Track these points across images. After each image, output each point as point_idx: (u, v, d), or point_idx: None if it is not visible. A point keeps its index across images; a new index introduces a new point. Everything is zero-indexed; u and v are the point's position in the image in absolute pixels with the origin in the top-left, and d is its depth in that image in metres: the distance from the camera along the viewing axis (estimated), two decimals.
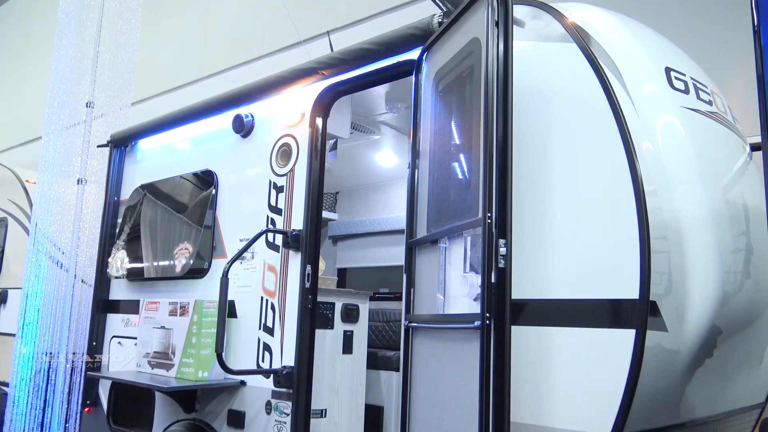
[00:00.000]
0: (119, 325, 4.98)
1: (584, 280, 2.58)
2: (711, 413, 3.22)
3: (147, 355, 4.21)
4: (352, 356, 4.10)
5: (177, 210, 4.65)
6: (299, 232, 3.74)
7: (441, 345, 2.92)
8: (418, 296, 3.17)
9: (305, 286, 3.65)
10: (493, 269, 2.45)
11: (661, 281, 2.60)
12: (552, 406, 2.55)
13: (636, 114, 2.73)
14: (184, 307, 3.99)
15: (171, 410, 4.29)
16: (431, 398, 2.96)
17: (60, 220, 5.87)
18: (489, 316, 2.43)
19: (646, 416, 2.60)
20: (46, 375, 5.54)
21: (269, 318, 3.81)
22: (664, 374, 2.67)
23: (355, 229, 6.06)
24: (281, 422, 3.61)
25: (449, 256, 2.91)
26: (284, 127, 4.03)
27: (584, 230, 2.64)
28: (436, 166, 3.19)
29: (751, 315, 3.12)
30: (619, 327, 2.43)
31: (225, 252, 4.18)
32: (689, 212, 2.80)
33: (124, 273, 4.93)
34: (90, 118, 6.01)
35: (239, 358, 3.90)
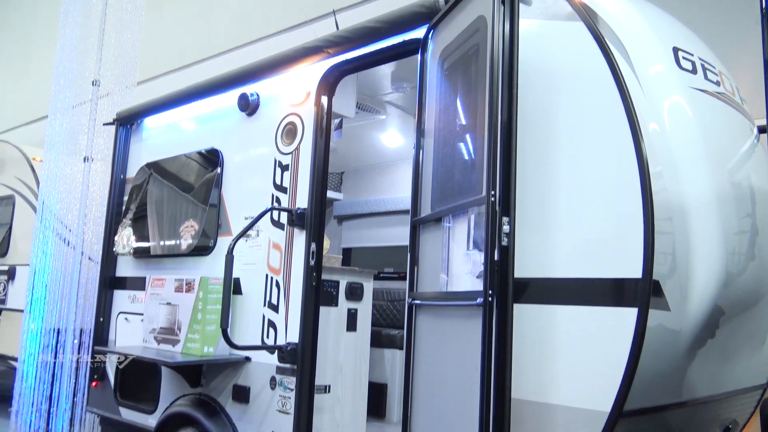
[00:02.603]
0: (126, 301, 5.03)
1: (587, 259, 2.58)
2: (712, 393, 3.23)
3: (153, 331, 4.26)
4: (356, 334, 4.14)
5: (183, 188, 4.67)
6: (304, 211, 3.75)
7: (444, 322, 2.94)
8: (421, 274, 3.19)
9: (310, 264, 3.68)
10: (496, 247, 2.46)
11: (665, 261, 2.60)
12: (553, 383, 2.57)
13: (643, 94, 2.72)
14: (189, 283, 4.02)
15: (177, 385, 4.35)
16: (434, 375, 2.99)
17: (67, 197, 5.91)
18: (491, 293, 2.44)
19: (647, 394, 2.62)
20: (55, 350, 5.61)
21: (274, 295, 3.84)
22: (665, 353, 2.69)
23: (360, 209, 6.07)
24: (285, 397, 3.66)
25: (453, 235, 2.92)
26: (289, 106, 4.03)
27: (588, 210, 2.64)
28: (441, 145, 3.19)
29: (755, 296, 3.12)
30: (621, 305, 2.44)
31: (230, 230, 4.21)
32: (694, 193, 2.80)
33: (130, 250, 4.97)
34: (96, 97, 6.03)
35: (244, 334, 3.94)
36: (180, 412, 4.19)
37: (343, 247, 6.21)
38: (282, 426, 3.65)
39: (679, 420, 3.12)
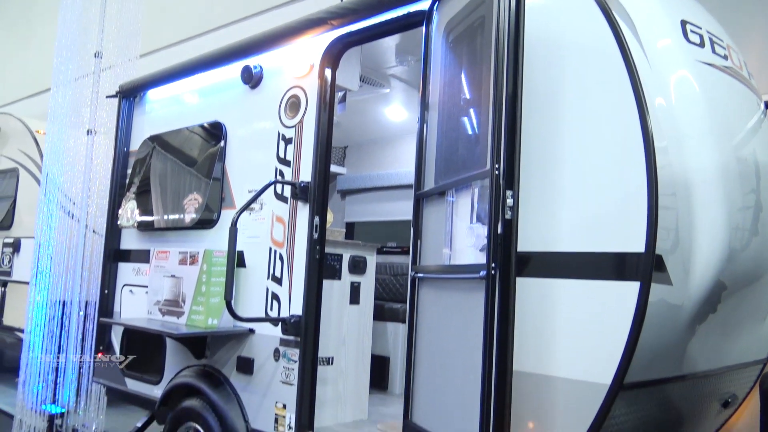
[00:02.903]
0: (130, 273, 5.06)
1: (591, 233, 2.58)
2: (712, 367, 3.26)
3: (158, 303, 4.29)
4: (359, 307, 4.16)
5: (186, 162, 4.67)
6: (307, 184, 3.75)
7: (447, 295, 2.96)
8: (424, 247, 3.20)
9: (313, 238, 3.69)
10: (500, 220, 2.46)
11: (668, 236, 2.60)
12: (554, 355, 2.59)
13: (649, 67, 2.69)
14: (193, 256, 4.04)
15: (182, 356, 4.40)
16: (436, 348, 3.02)
17: (70, 170, 5.92)
18: (494, 266, 2.45)
19: (648, 368, 2.64)
20: (60, 321, 5.67)
21: (277, 268, 3.86)
22: (667, 327, 2.70)
23: (363, 183, 6.07)
24: (289, 369, 3.70)
25: (456, 208, 2.92)
26: (293, 79, 4.00)
27: (592, 184, 2.63)
28: (445, 118, 3.17)
29: (757, 272, 3.13)
30: (623, 279, 2.45)
31: (234, 203, 4.21)
32: (699, 168, 2.79)
33: (134, 223, 4.99)
34: (98, 69, 6.00)
35: (248, 306, 3.97)
36: (185, 383, 4.24)
37: (347, 222, 6.22)
38: (285, 397, 3.69)
39: (678, 393, 3.15)
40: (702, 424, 3.55)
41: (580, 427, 2.51)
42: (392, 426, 3.79)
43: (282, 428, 3.70)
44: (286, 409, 3.69)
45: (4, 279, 7.34)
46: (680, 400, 3.24)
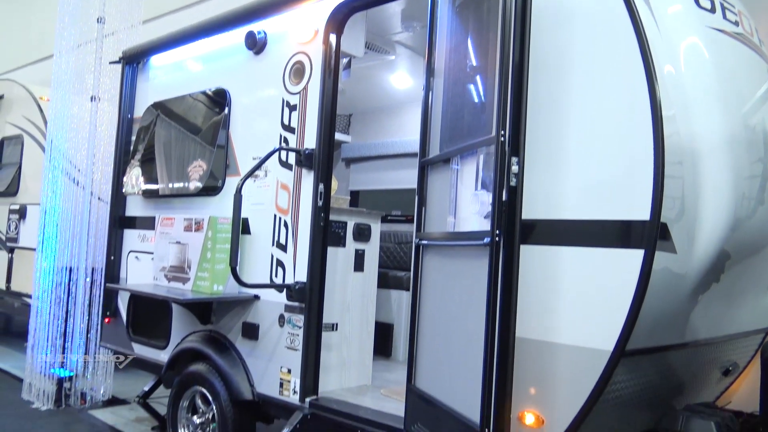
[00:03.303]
0: (136, 240, 5.09)
1: (596, 201, 2.58)
2: (714, 335, 3.28)
3: (163, 269, 4.33)
4: (363, 274, 4.18)
5: (190, 129, 4.65)
6: (312, 151, 3.74)
7: (450, 262, 2.97)
8: (429, 214, 3.20)
9: (318, 205, 3.69)
10: (505, 187, 2.46)
11: (674, 205, 2.59)
12: (557, 322, 2.61)
13: (659, 34, 2.65)
14: (198, 223, 4.06)
15: (188, 322, 4.44)
16: (439, 314, 3.04)
17: (74, 137, 5.91)
18: (498, 233, 2.46)
19: (650, 335, 2.66)
20: (67, 288, 5.72)
21: (282, 235, 3.87)
22: (669, 296, 2.71)
23: (368, 151, 6.05)
24: (294, 334, 3.74)
25: (461, 175, 2.92)
26: (297, 45, 3.96)
27: (598, 152, 2.61)
28: (451, 86, 3.15)
29: (762, 241, 3.13)
30: (628, 247, 2.45)
31: (238, 170, 4.21)
32: (707, 137, 2.76)
33: (139, 190, 5.00)
34: (101, 35, 5.95)
35: (253, 273, 3.99)
36: (191, 348, 4.29)
37: (351, 190, 6.22)
38: (290, 362, 3.74)
39: (679, 361, 3.18)
40: (702, 391, 3.58)
41: (581, 393, 2.53)
42: (395, 391, 3.84)
43: (287, 393, 3.75)
44: (291, 373, 3.74)
45: (11, 245, 7.39)
46: (681, 368, 3.26)
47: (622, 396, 2.77)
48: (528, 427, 2.65)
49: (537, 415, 2.64)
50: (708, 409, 3.06)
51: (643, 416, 3.13)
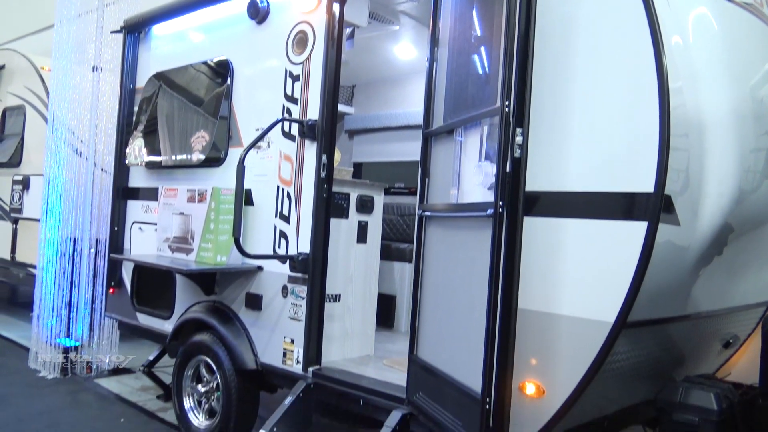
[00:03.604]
0: (139, 211, 5.10)
1: (600, 173, 2.56)
2: (715, 308, 3.29)
3: (167, 240, 4.34)
4: (366, 245, 4.19)
5: (193, 100, 4.62)
6: (315, 122, 3.73)
7: (453, 234, 2.98)
8: (432, 186, 3.20)
9: (321, 176, 3.69)
10: (509, 158, 2.45)
11: (678, 178, 2.58)
12: (559, 294, 2.61)
13: (667, 4, 2.61)
14: (201, 194, 4.06)
15: (192, 292, 4.47)
16: (442, 285, 3.06)
17: (77, 108, 5.89)
18: (502, 204, 2.45)
19: (651, 307, 2.67)
20: (72, 258, 5.75)
21: (285, 206, 3.87)
22: (672, 268, 2.71)
23: (371, 123, 6.01)
24: (297, 305, 3.76)
25: (465, 147, 2.90)
26: (300, 14, 3.91)
27: (604, 124, 2.59)
28: (455, 56, 3.11)
29: (766, 214, 3.12)
30: (631, 219, 2.44)
31: (241, 141, 4.20)
32: (713, 109, 2.74)
33: (141, 161, 4.99)
34: (102, 4, 5.88)
35: (256, 244, 4.01)
36: (195, 318, 4.33)
37: (354, 162, 6.20)
38: (294, 332, 3.77)
39: (680, 333, 3.20)
40: (702, 363, 3.61)
41: (582, 364, 2.55)
42: (398, 362, 3.88)
43: (290, 362, 3.79)
44: (294, 344, 3.77)
45: (15, 216, 7.42)
46: (682, 340, 3.28)
47: (622, 367, 2.79)
48: (529, 396, 2.68)
49: (538, 385, 2.67)
50: (708, 381, 3.08)
51: (643, 387, 3.16)
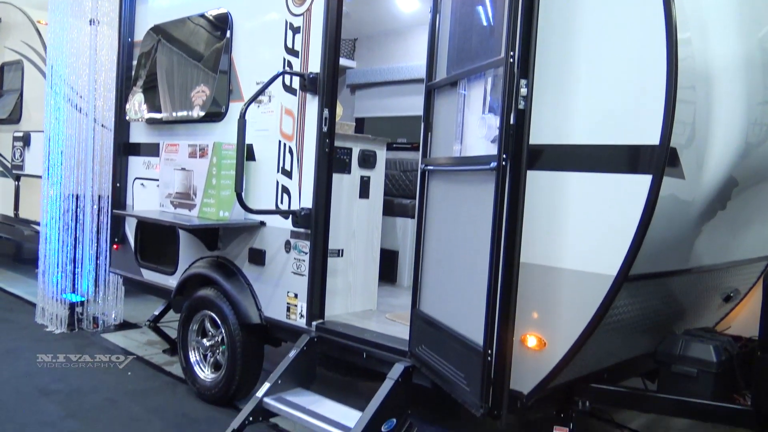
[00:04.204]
0: (141, 167, 5.08)
1: (605, 126, 2.53)
2: (718, 262, 3.30)
3: (169, 196, 4.34)
4: (368, 201, 4.18)
5: (192, 54, 4.55)
6: (316, 75, 3.67)
7: (456, 188, 2.96)
8: (435, 140, 3.17)
9: (322, 130, 3.65)
10: (513, 110, 2.42)
11: (684, 131, 2.55)
12: (562, 248, 2.61)
13: None
14: (203, 149, 4.03)
15: (195, 248, 4.49)
16: (444, 240, 3.06)
17: (75, 63, 5.81)
18: (505, 157, 2.43)
19: (653, 261, 2.68)
20: (75, 215, 5.77)
21: (287, 161, 3.85)
22: (675, 222, 2.71)
23: (373, 77, 5.93)
24: (300, 260, 3.78)
25: (468, 99, 2.86)
26: None
27: (610, 75, 2.55)
28: (459, 6, 3.04)
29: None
30: (636, 173, 2.42)
31: (242, 95, 4.15)
32: (722, 61, 2.69)
33: (142, 117, 4.95)
34: None
35: (258, 199, 4.00)
36: (199, 273, 4.36)
37: (356, 117, 6.14)
38: (297, 287, 3.80)
39: (682, 286, 3.21)
40: (703, 317, 3.64)
41: (583, 317, 2.57)
42: (400, 316, 3.91)
43: (294, 316, 3.83)
44: (298, 298, 3.80)
45: (17, 173, 7.41)
46: (683, 294, 3.30)
47: (623, 320, 2.81)
48: (530, 349, 2.71)
49: (539, 337, 2.69)
50: (707, 334, 3.11)
51: (643, 340, 3.19)
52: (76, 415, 3.97)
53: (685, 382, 2.91)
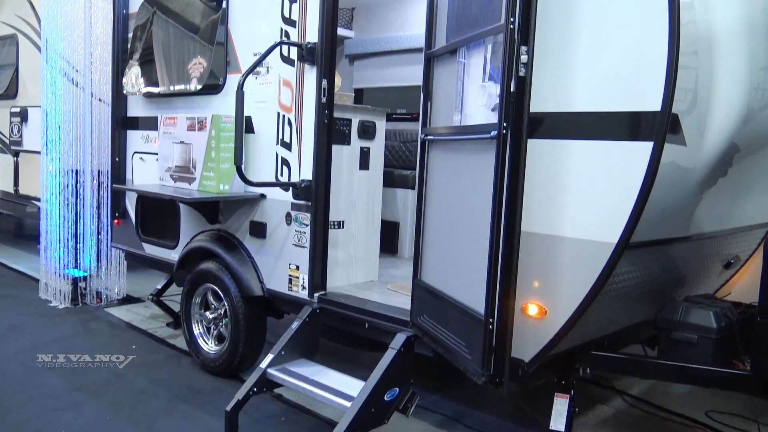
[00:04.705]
0: (140, 141, 5.06)
1: (606, 92, 2.50)
2: (718, 229, 3.30)
3: (169, 170, 4.32)
4: (368, 172, 4.17)
5: (188, 26, 4.49)
6: (314, 45, 3.63)
7: (457, 157, 2.95)
8: (435, 109, 3.14)
9: (321, 101, 3.63)
10: (513, 77, 2.39)
11: (686, 97, 2.53)
12: (563, 216, 2.61)
13: None
14: (201, 122, 4.01)
15: (196, 222, 4.49)
16: (445, 210, 3.05)
17: (70, 36, 5.74)
18: (506, 125, 2.41)
19: (654, 228, 2.68)
20: (75, 190, 5.76)
21: (286, 133, 3.83)
22: (676, 189, 2.70)
23: (372, 47, 5.86)
24: (301, 232, 3.78)
25: (468, 67, 2.83)
26: None
27: (611, 41, 2.51)
28: None
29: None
30: (637, 140, 2.40)
31: (239, 67, 4.11)
32: (724, 25, 2.66)
33: (139, 90, 4.91)
34: None
35: (258, 172, 3.99)
36: (200, 247, 4.37)
37: (355, 88, 6.08)
38: (298, 258, 3.81)
39: (682, 253, 3.22)
40: (703, 283, 3.65)
41: (584, 284, 2.58)
42: (402, 286, 3.93)
43: (296, 288, 3.85)
44: (300, 270, 3.82)
45: (15, 149, 7.37)
46: (683, 261, 3.31)
47: (623, 288, 2.82)
48: (531, 317, 2.72)
49: (540, 306, 2.71)
50: (707, 300, 3.13)
51: (644, 308, 3.21)
52: (82, 388, 4.02)
53: (685, 349, 2.93)
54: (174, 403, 3.86)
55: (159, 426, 3.57)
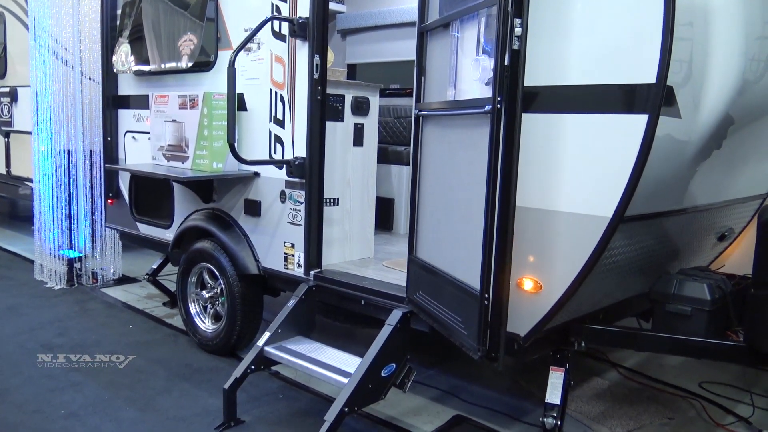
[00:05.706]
0: (131, 120, 5.01)
1: (601, 65, 2.48)
2: (713, 201, 3.31)
3: (161, 149, 4.29)
4: (362, 149, 4.14)
5: (177, 1, 4.42)
6: (306, 20, 3.58)
7: (451, 132, 2.93)
8: (428, 84, 3.11)
9: (314, 77, 3.59)
10: (507, 51, 2.36)
11: (681, 69, 2.51)
12: (557, 190, 2.60)
13: None
14: (193, 100, 3.97)
15: (190, 201, 4.47)
16: (440, 185, 3.04)
17: (58, 14, 5.65)
18: (500, 100, 2.39)
19: (649, 201, 2.67)
20: (67, 170, 5.72)
21: (279, 110, 3.80)
22: (671, 162, 2.70)
23: (364, 21, 5.79)
24: (296, 210, 3.77)
25: (462, 41, 2.80)
26: None
27: (606, 13, 2.48)
28: None
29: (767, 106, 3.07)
30: (632, 113, 2.39)
31: (230, 43, 4.06)
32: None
33: (129, 68, 4.85)
34: None
35: (251, 150, 3.96)
36: (195, 226, 4.36)
37: (348, 63, 6.03)
38: (294, 236, 3.80)
39: (676, 226, 3.22)
40: (697, 256, 3.67)
41: (579, 259, 2.58)
42: (397, 263, 3.94)
43: (291, 266, 3.85)
44: (295, 248, 3.81)
45: (6, 129, 7.31)
46: (678, 234, 3.32)
47: (618, 261, 2.83)
48: (526, 292, 2.73)
49: (535, 281, 2.71)
50: (701, 273, 3.14)
51: (638, 281, 3.22)
52: (80, 368, 4.03)
53: (679, 321, 2.95)
54: (172, 382, 3.88)
55: (158, 404, 3.59)
